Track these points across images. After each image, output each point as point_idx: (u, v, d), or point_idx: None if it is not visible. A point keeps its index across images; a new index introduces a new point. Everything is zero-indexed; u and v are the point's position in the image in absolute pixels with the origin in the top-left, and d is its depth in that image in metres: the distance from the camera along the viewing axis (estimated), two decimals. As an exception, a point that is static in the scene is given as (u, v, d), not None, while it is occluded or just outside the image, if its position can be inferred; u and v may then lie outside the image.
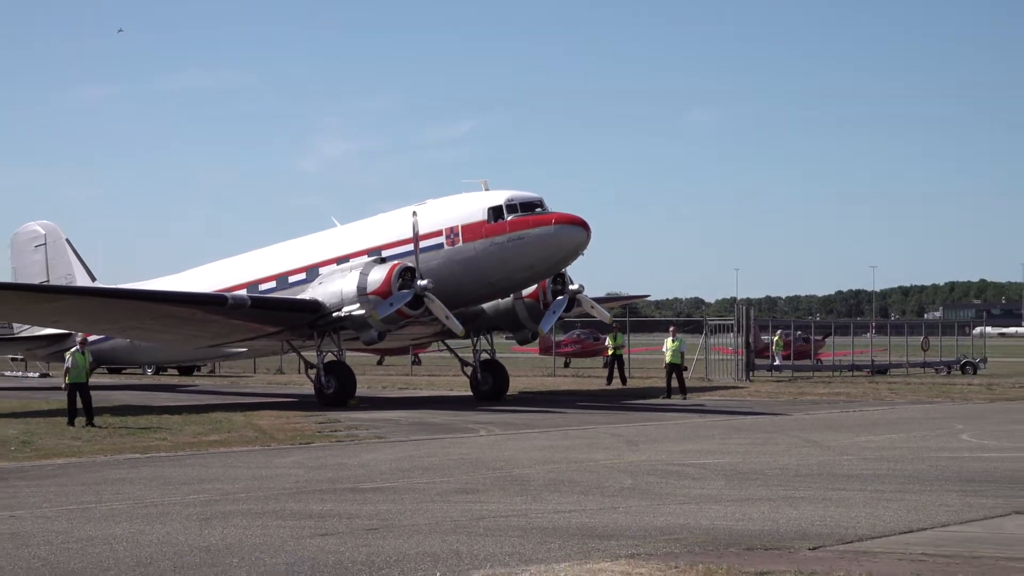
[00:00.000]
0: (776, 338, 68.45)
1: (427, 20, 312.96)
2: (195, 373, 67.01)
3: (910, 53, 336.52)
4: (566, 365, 73.21)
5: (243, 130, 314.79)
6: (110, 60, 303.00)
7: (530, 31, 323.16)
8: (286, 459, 26.39)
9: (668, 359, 48.22)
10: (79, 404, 34.11)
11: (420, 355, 71.77)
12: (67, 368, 34.70)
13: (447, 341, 49.30)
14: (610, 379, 56.66)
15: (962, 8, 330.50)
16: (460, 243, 43.48)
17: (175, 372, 66.47)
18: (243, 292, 45.76)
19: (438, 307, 42.13)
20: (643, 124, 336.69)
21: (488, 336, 48.41)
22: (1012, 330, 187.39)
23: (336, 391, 43.03)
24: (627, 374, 57.48)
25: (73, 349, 35.91)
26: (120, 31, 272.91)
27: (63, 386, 34.71)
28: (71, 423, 33.52)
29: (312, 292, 44.42)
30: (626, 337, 62.98)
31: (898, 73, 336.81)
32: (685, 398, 46.72)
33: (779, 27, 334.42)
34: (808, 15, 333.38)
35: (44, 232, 57.17)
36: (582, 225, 43.11)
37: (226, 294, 45.09)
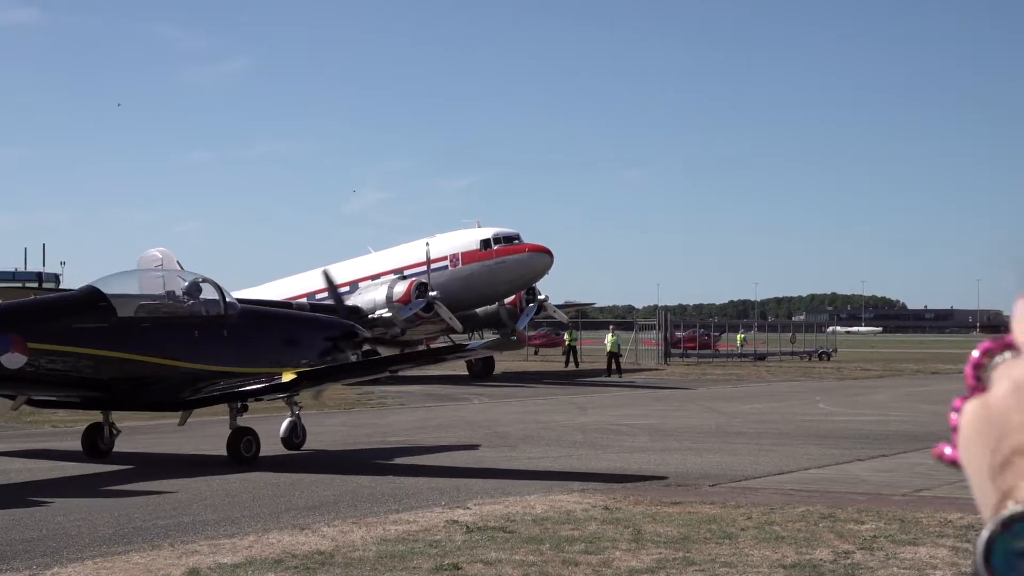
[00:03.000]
0: (739, 336, 69.07)
1: (438, 104, 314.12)
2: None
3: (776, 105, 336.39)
4: (536, 353, 73.02)
5: (306, 183, 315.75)
6: (212, 132, 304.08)
7: (513, 111, 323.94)
8: (334, 419, 26.33)
9: (608, 349, 48.79)
10: None
11: (431, 345, 71.53)
12: None
13: (451, 335, 49.26)
14: (567, 363, 56.61)
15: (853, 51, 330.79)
16: (460, 265, 43.80)
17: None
18: (304, 300, 45.76)
19: (444, 311, 42.25)
20: (591, 177, 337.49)
21: (480, 332, 48.46)
22: (855, 329, 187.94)
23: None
24: (579, 360, 57.46)
25: None
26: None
27: None
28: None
29: (354, 300, 44.40)
30: (578, 332, 62.96)
31: (773, 127, 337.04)
32: (621, 377, 46.69)
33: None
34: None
35: (161, 256, 56.67)
36: (548, 253, 44.23)
37: (290, 301, 45.09)
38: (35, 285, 72.28)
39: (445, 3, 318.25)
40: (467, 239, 44.54)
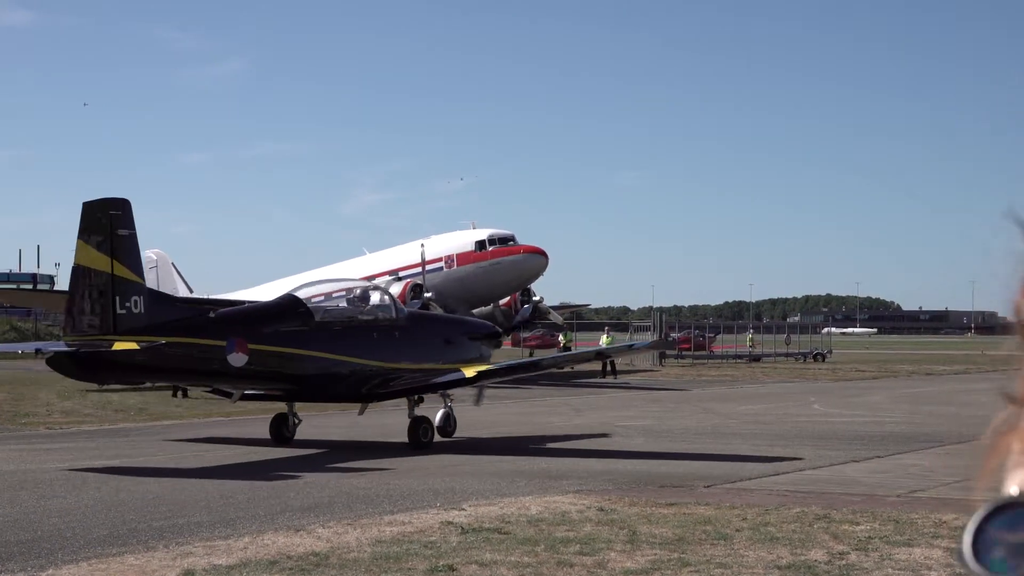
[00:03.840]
0: (749, 337, 69.16)
1: (433, 106, 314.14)
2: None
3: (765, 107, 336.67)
4: (531, 355, 72.99)
5: (303, 184, 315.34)
6: (209, 133, 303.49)
7: (509, 114, 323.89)
8: (330, 421, 26.28)
9: (604, 350, 48.46)
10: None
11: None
12: None
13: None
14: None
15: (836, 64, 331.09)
16: (455, 267, 43.78)
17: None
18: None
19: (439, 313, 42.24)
20: (586, 179, 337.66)
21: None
22: (850, 330, 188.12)
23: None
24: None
25: None
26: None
27: None
28: (175, 395, 33.25)
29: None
30: (573, 334, 62.91)
31: (768, 130, 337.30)
32: (616, 378, 46.70)
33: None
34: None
35: (156, 258, 56.59)
36: (543, 254, 44.13)
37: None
38: (30, 287, 72.31)
39: (442, 5, 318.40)
40: (462, 240, 44.56)
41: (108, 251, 17.30)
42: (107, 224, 17.38)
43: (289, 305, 20.36)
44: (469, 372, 20.59)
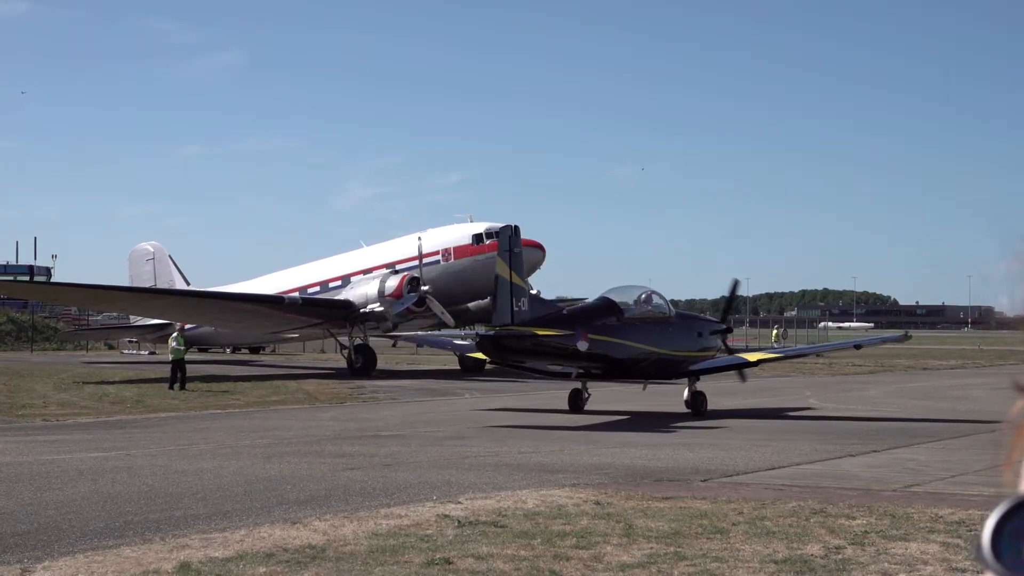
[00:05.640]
0: (774, 332, 68.92)
1: (428, 100, 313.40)
2: (260, 352, 66.65)
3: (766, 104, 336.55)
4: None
5: (297, 179, 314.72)
6: (204, 126, 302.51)
7: (504, 106, 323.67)
8: (326, 414, 26.33)
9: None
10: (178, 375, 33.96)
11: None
12: (174, 348, 34.73)
13: (443, 330, 49.25)
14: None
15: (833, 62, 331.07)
16: (452, 260, 43.85)
17: (246, 351, 66.12)
18: (296, 294, 45.80)
19: (436, 306, 42.28)
20: (578, 175, 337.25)
21: (472, 327, 48.43)
22: (847, 325, 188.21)
23: (363, 365, 42.99)
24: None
25: (174, 335, 35.84)
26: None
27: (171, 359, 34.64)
28: (171, 387, 33.29)
29: (346, 294, 44.46)
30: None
31: (763, 125, 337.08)
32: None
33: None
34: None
35: (152, 249, 56.81)
36: (540, 247, 44.22)
37: (283, 295, 45.24)
38: (27, 278, 72.21)
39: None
40: (459, 234, 44.62)
41: (508, 264, 24.02)
42: (507, 246, 24.34)
43: (607, 305, 25.85)
44: (752, 357, 27.69)
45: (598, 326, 24.94)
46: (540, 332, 23.79)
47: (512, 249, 24.22)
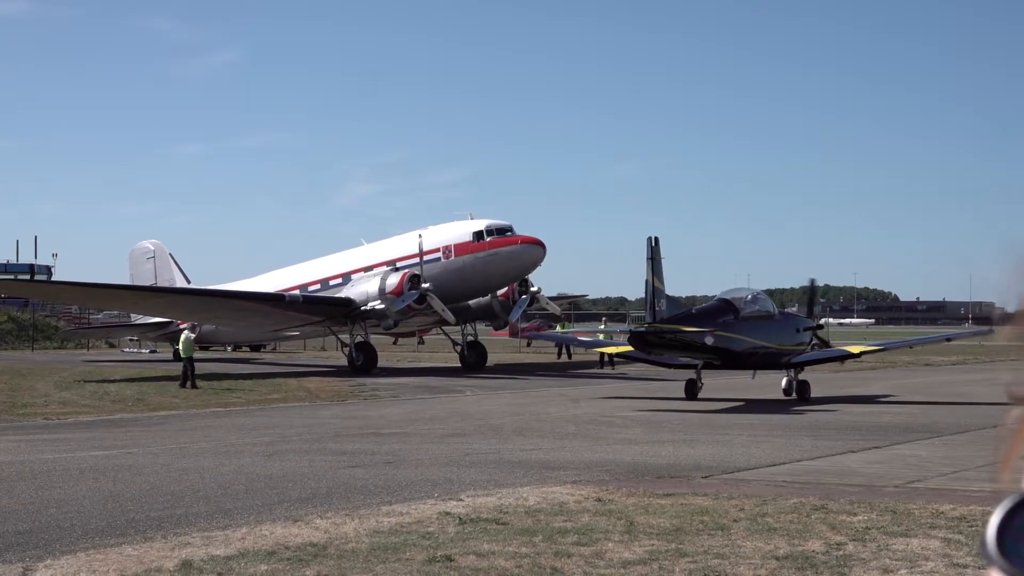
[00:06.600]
0: None
1: (428, 97, 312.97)
2: (262, 350, 66.66)
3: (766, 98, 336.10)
4: (528, 345, 73.04)
5: (297, 176, 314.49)
6: (203, 124, 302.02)
7: (506, 104, 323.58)
8: (327, 411, 26.34)
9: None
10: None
11: (424, 337, 71.30)
12: (184, 346, 34.63)
13: (443, 327, 49.24)
14: (560, 355, 56.58)
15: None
16: (453, 257, 43.84)
17: (248, 349, 66.13)
18: (297, 292, 45.79)
19: (437, 303, 42.28)
20: (583, 169, 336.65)
21: (472, 324, 48.47)
22: (848, 321, 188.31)
23: (364, 363, 42.99)
24: (572, 352, 57.37)
25: (187, 334, 35.65)
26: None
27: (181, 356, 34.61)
28: (183, 385, 33.05)
29: (346, 292, 44.46)
30: (571, 324, 62.94)
31: (768, 121, 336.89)
32: (613, 369, 46.71)
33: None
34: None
35: (153, 248, 56.80)
36: (540, 244, 44.23)
37: (284, 293, 45.23)
38: (27, 277, 72.23)
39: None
40: (460, 231, 44.59)
41: (651, 270, 26.95)
42: (651, 254, 27.16)
43: (726, 305, 28.97)
44: (855, 349, 31.12)
45: (720, 323, 27.94)
46: (685, 328, 26.97)
47: (654, 257, 27.16)
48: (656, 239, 27.39)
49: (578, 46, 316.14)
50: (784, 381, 29.51)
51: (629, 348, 29.22)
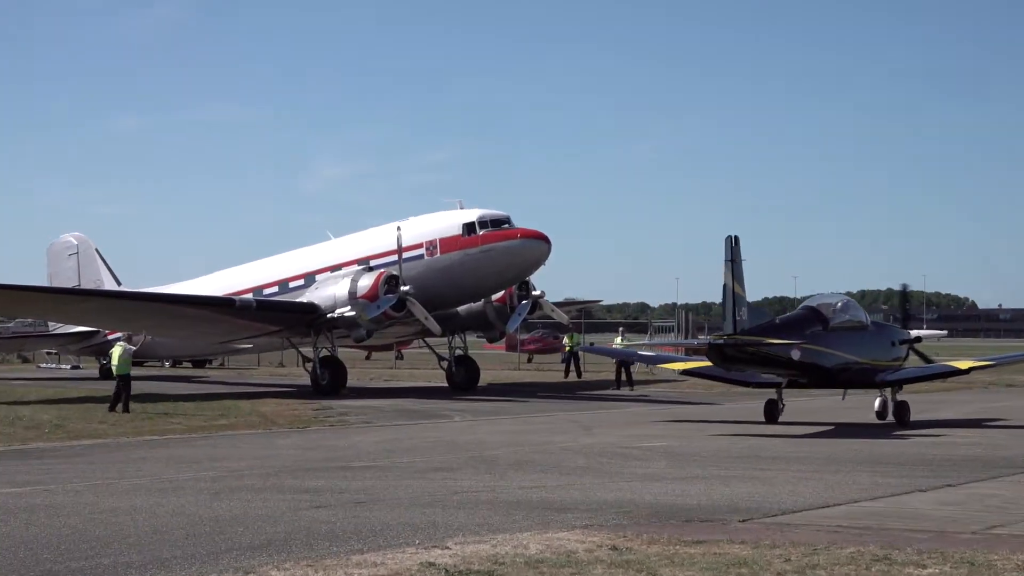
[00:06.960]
0: None
1: (409, 65, 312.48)
2: (207, 366, 66.76)
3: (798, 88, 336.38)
4: (529, 360, 73.10)
5: (254, 156, 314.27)
6: (141, 93, 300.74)
7: (497, 72, 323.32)
8: (285, 441, 26.34)
9: (617, 355, 48.67)
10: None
11: (403, 351, 71.45)
12: (120, 361, 34.02)
13: (426, 339, 49.26)
14: (567, 373, 56.60)
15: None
16: (438, 254, 43.74)
17: (190, 365, 66.21)
18: (249, 296, 45.77)
19: (419, 309, 42.26)
20: (595, 153, 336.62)
21: (462, 335, 48.41)
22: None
23: (330, 382, 43.04)
24: (582, 368, 57.39)
25: (124, 346, 35.11)
26: None
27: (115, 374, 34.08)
28: (113, 408, 32.90)
29: (309, 296, 44.44)
30: (581, 336, 62.99)
31: (805, 109, 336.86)
32: (632, 389, 46.78)
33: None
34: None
35: (76, 242, 56.93)
36: (544, 239, 43.77)
37: (233, 297, 45.23)
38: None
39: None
40: (447, 223, 44.47)
41: (731, 273, 27.47)
42: (730, 255, 27.70)
43: (813, 314, 30.06)
44: (962, 366, 32.23)
45: (808, 335, 28.96)
46: (769, 341, 27.81)
47: (734, 259, 27.68)
48: (736, 238, 27.94)
49: (579, 21, 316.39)
50: (878, 402, 30.68)
51: (704, 363, 30.10)
